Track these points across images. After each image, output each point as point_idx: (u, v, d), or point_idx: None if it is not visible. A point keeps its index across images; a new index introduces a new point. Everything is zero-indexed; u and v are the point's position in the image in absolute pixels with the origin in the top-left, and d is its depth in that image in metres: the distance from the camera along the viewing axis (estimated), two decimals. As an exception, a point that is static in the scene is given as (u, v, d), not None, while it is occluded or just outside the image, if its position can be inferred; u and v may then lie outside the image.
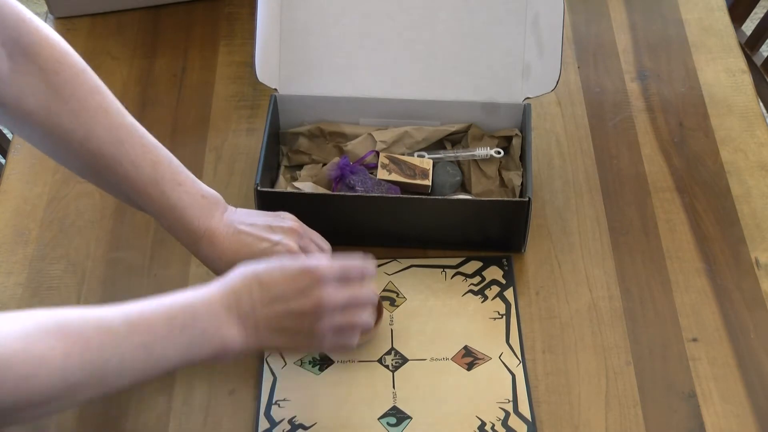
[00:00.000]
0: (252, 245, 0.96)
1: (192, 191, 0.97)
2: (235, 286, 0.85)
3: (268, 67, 1.14)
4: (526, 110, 1.15)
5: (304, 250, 0.98)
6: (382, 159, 1.14)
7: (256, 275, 0.86)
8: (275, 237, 0.97)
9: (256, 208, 1.09)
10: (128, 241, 1.14)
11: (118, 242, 1.14)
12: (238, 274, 0.86)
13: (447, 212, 1.09)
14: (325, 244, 1.02)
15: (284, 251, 0.96)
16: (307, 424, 0.98)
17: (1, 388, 0.70)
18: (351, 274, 0.89)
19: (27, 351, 0.71)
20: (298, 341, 0.87)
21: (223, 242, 0.96)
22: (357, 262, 0.90)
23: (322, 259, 0.87)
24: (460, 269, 1.11)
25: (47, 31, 0.90)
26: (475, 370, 1.03)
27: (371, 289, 0.91)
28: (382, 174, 1.12)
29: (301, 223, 1.01)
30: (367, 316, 0.91)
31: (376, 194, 1.11)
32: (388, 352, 1.04)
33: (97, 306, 0.78)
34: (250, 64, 1.11)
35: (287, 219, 1.00)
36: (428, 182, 1.12)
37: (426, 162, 1.14)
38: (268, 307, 0.85)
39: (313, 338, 0.87)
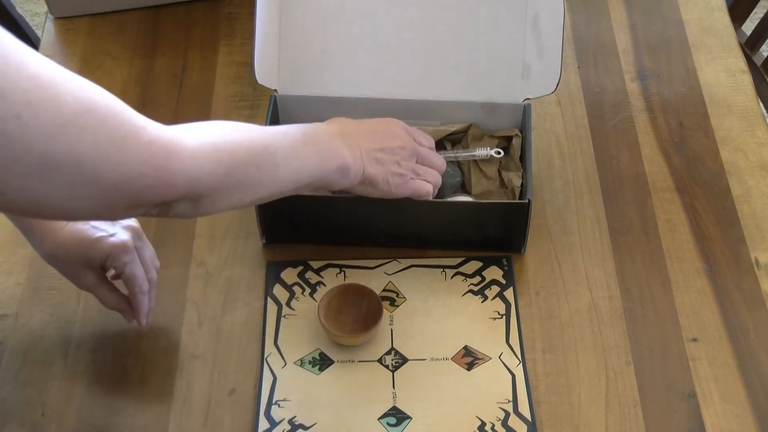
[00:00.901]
0: (87, 232, 0.98)
1: None
2: (336, 119, 1.02)
3: (267, 68, 1.14)
4: (526, 110, 1.15)
5: (138, 250, 1.00)
6: None
7: (348, 118, 1.03)
8: (112, 229, 0.99)
9: (256, 208, 1.09)
10: (128, 241, 1.14)
11: (118, 242, 1.14)
12: (332, 119, 1.03)
13: (447, 214, 1.09)
14: (155, 264, 1.04)
15: (118, 242, 0.98)
16: (307, 424, 0.98)
17: (217, 160, 0.83)
18: (421, 139, 1.08)
19: (221, 136, 0.86)
20: (390, 174, 1.02)
21: (57, 225, 0.98)
22: (426, 135, 1.10)
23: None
24: (460, 269, 1.11)
25: None
26: (475, 370, 1.03)
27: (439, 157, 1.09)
28: None
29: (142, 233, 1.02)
30: (439, 162, 1.08)
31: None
32: (388, 352, 1.04)
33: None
34: (250, 64, 1.11)
35: (131, 221, 1.02)
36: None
37: None
38: (367, 138, 1.01)
39: (400, 175, 1.02)
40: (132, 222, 1.01)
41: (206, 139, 0.83)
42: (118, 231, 0.99)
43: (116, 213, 0.79)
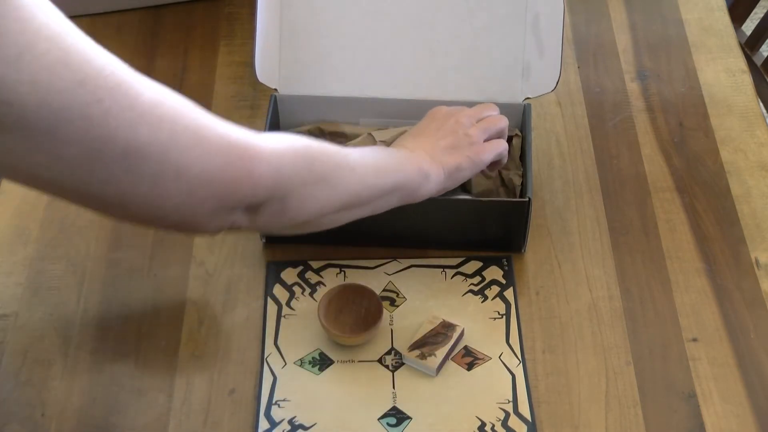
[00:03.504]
0: None
1: None
2: (395, 143, 1.05)
3: (268, 67, 1.14)
4: (526, 110, 1.15)
5: None
6: None
7: (405, 132, 1.08)
8: None
9: (256, 208, 1.09)
10: (128, 241, 1.14)
11: (118, 242, 1.14)
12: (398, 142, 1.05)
13: (447, 212, 1.09)
14: None
15: None
16: (307, 424, 0.98)
17: (301, 165, 0.84)
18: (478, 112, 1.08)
19: (302, 142, 0.87)
20: (463, 151, 1.02)
21: None
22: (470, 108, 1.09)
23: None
24: (460, 269, 1.11)
25: None
26: (475, 370, 1.03)
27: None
28: None
29: None
30: (501, 121, 1.07)
31: (376, 194, 1.11)
32: (388, 352, 1.04)
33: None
34: (250, 64, 1.11)
35: None
36: None
37: None
38: (425, 139, 1.03)
39: (472, 144, 1.03)
40: None
41: (277, 138, 0.84)
42: None
43: (206, 216, 0.79)
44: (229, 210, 0.80)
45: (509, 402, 1.00)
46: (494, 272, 1.11)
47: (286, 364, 1.03)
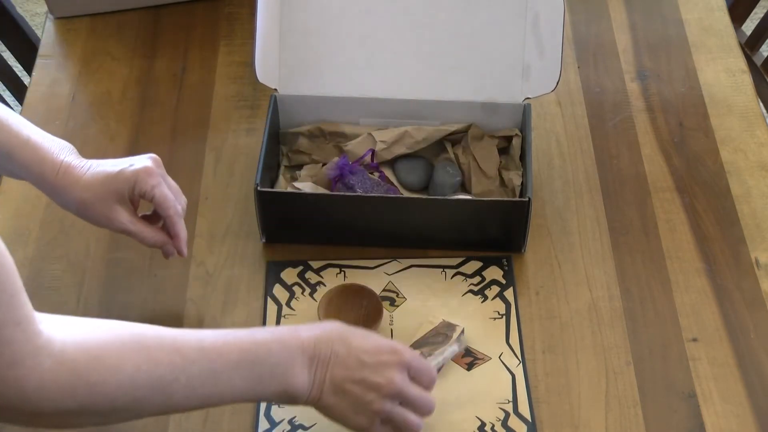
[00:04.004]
0: (107, 169, 0.96)
1: (42, 133, 0.97)
2: (321, 334, 0.85)
3: (268, 67, 1.14)
4: (526, 110, 1.15)
5: (162, 176, 0.98)
6: None
7: (345, 331, 0.87)
8: (131, 160, 0.98)
9: (256, 208, 1.09)
10: (128, 241, 1.13)
11: (118, 242, 1.14)
12: (328, 324, 0.87)
13: (447, 212, 1.09)
14: (182, 198, 1.01)
15: (141, 166, 0.96)
16: (307, 425, 0.98)
17: (71, 392, 0.73)
18: (422, 377, 0.89)
19: (101, 359, 0.74)
20: (353, 411, 0.86)
21: (80, 172, 0.96)
22: (432, 370, 0.91)
23: (407, 347, 0.89)
24: (460, 269, 1.11)
25: None
26: (475, 370, 1.03)
27: (433, 401, 0.90)
28: None
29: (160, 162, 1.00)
30: (418, 421, 0.89)
31: (375, 194, 1.11)
32: (388, 352, 1.04)
33: (174, 328, 0.81)
34: (250, 64, 1.11)
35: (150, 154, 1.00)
36: None
37: None
38: (343, 365, 0.85)
39: (366, 415, 0.86)
40: (150, 154, 0.99)
41: (79, 360, 0.74)
42: (137, 161, 0.98)
43: None
44: None
45: (509, 402, 1.00)
46: (494, 272, 1.11)
47: (286, 364, 1.03)
